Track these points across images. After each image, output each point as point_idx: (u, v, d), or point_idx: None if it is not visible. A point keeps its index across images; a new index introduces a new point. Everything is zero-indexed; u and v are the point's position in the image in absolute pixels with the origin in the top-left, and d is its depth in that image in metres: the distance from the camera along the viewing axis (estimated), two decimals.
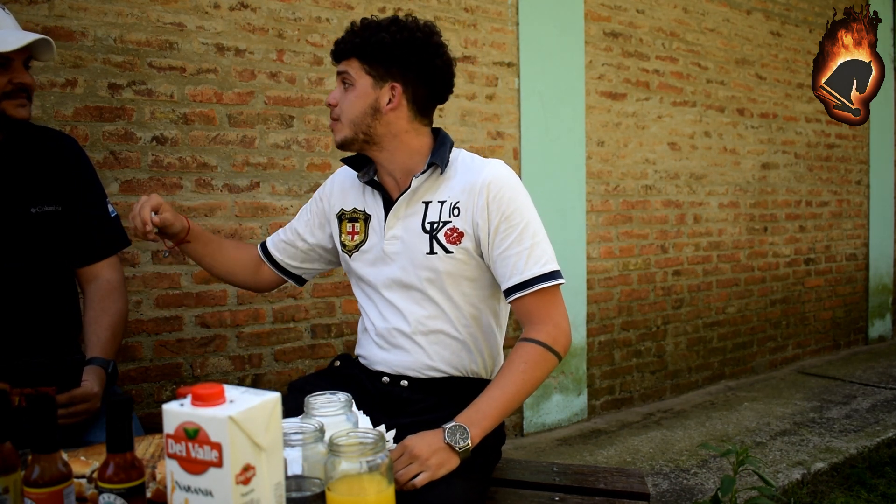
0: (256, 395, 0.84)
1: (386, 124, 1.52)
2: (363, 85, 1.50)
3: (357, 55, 1.50)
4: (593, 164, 3.67)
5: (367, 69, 1.50)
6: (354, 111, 1.51)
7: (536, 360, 1.44)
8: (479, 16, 3.24)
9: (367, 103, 1.51)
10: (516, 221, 1.48)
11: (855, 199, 5.29)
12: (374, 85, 1.50)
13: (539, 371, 1.44)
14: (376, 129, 1.52)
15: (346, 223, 1.65)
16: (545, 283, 1.46)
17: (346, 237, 1.65)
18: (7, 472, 0.93)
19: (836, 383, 4.32)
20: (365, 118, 1.51)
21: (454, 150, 1.58)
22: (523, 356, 1.44)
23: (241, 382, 2.63)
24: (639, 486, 1.53)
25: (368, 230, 1.60)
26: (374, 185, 1.61)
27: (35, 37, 1.58)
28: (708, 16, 4.21)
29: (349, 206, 1.66)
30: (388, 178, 1.59)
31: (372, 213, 1.61)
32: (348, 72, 1.51)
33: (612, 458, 3.08)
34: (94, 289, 1.75)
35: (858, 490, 2.94)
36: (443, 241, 1.51)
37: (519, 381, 1.41)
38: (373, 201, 1.62)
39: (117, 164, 2.39)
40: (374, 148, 1.55)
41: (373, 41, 1.48)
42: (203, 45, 2.53)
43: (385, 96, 1.50)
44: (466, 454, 1.33)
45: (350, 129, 1.52)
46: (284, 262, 1.78)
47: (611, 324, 3.80)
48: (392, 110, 1.51)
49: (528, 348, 1.45)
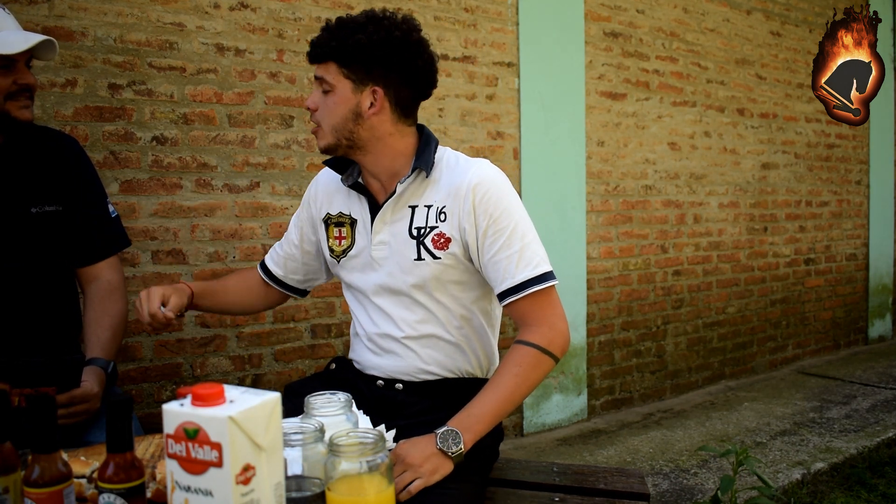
0: (256, 395, 0.84)
1: (369, 128, 1.47)
2: (342, 90, 1.45)
3: (334, 58, 1.44)
4: (593, 164, 3.67)
5: (346, 73, 1.44)
6: (335, 117, 1.46)
7: (531, 362, 1.42)
8: (479, 16, 3.24)
9: (347, 109, 1.45)
10: (504, 224, 1.45)
11: (855, 199, 5.29)
12: (355, 89, 1.45)
13: (534, 373, 1.42)
14: (359, 134, 1.47)
15: (333, 227, 1.62)
16: (537, 285, 1.43)
17: (334, 242, 1.61)
18: (7, 472, 0.93)
19: (836, 383, 4.32)
20: (346, 124, 1.46)
21: (439, 148, 1.54)
22: (517, 359, 1.42)
23: (241, 382, 2.63)
24: (639, 486, 1.53)
25: (355, 235, 1.58)
26: (358, 188, 1.58)
27: (39, 38, 1.58)
28: (708, 16, 4.21)
29: (335, 209, 1.62)
30: (373, 181, 1.56)
31: (358, 218, 1.58)
32: (325, 77, 1.45)
33: (612, 458, 3.08)
34: (94, 289, 1.75)
35: (858, 490, 2.94)
36: (430, 247, 1.48)
37: (512, 384, 1.39)
38: (358, 205, 1.58)
39: (117, 164, 2.39)
40: (358, 152, 1.51)
41: (350, 43, 1.41)
42: (203, 45, 2.53)
43: (367, 101, 1.45)
44: (460, 458, 1.31)
45: (332, 135, 1.48)
46: (287, 278, 1.77)
47: (611, 324, 3.80)
48: (375, 114, 1.46)
49: (522, 351, 1.43)
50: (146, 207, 2.45)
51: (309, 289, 1.82)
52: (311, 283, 1.80)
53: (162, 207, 2.48)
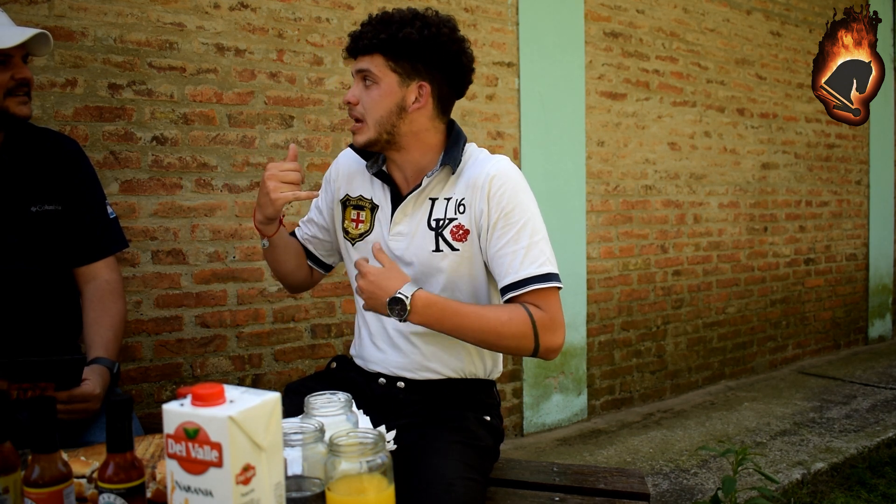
0: (256, 395, 0.84)
1: (409, 123, 1.47)
2: (389, 83, 1.44)
3: (382, 51, 1.43)
4: (593, 164, 3.67)
5: (393, 66, 1.43)
6: (380, 110, 1.45)
7: (520, 329, 1.40)
8: (479, 16, 3.24)
9: (393, 102, 1.45)
10: (515, 219, 1.45)
11: (855, 199, 5.29)
12: (401, 83, 1.44)
13: (511, 341, 1.40)
14: (400, 129, 1.47)
15: (351, 210, 1.61)
16: (540, 284, 1.42)
17: (350, 224, 1.60)
18: (7, 472, 0.93)
19: (836, 383, 4.32)
20: (391, 117, 1.45)
21: (466, 145, 1.54)
22: (512, 315, 1.40)
23: (241, 382, 2.63)
24: (639, 486, 1.53)
25: (374, 221, 1.57)
26: (382, 176, 1.57)
27: (33, 32, 1.58)
28: (708, 16, 4.21)
29: (355, 192, 1.61)
30: (398, 173, 1.55)
31: (379, 204, 1.57)
32: (371, 69, 1.44)
33: (612, 458, 3.08)
34: (92, 289, 1.75)
35: (858, 490, 2.94)
36: (449, 238, 1.48)
37: (491, 326, 1.39)
38: (381, 192, 1.57)
39: (117, 164, 2.39)
40: (393, 147, 1.50)
41: (400, 37, 1.41)
42: (203, 45, 2.53)
43: (412, 95, 1.45)
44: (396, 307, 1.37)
45: (375, 129, 1.46)
46: (317, 253, 1.75)
47: (611, 324, 3.80)
48: (418, 109, 1.46)
49: (521, 315, 1.40)
50: (146, 207, 2.45)
51: (334, 264, 1.79)
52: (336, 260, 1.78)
53: (162, 207, 2.48)
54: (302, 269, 1.76)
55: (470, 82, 1.54)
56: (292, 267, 1.73)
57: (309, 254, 1.76)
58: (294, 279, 1.77)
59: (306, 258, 1.77)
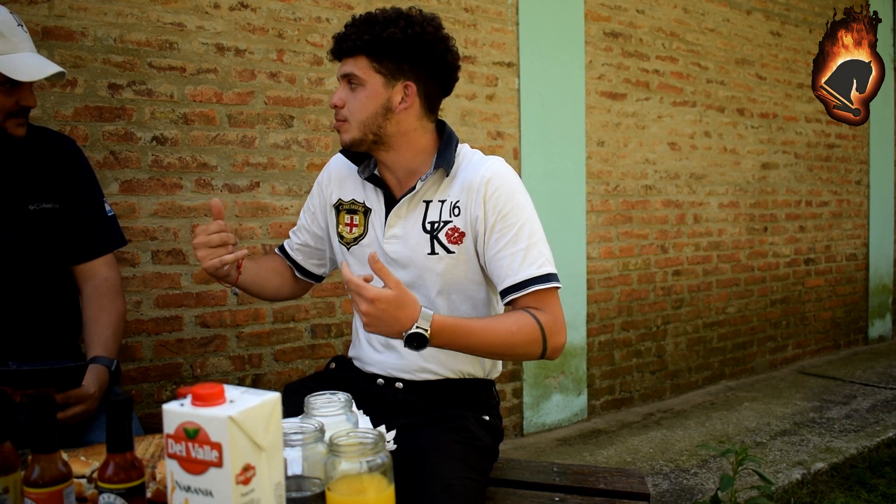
0: (256, 395, 0.84)
1: (396, 123, 1.47)
2: (374, 85, 1.44)
3: (365, 52, 1.42)
4: (593, 164, 3.67)
5: (377, 67, 1.43)
6: (365, 112, 1.45)
7: (529, 336, 1.39)
8: (479, 16, 3.24)
9: (378, 103, 1.44)
10: (513, 221, 1.44)
11: (855, 199, 5.29)
12: (386, 84, 1.44)
13: (522, 349, 1.39)
14: (387, 129, 1.47)
15: (345, 214, 1.61)
16: (540, 284, 1.42)
17: (344, 228, 1.60)
18: (7, 472, 0.93)
19: (836, 383, 4.32)
20: (376, 119, 1.45)
21: (458, 146, 1.54)
22: (521, 323, 1.38)
23: (241, 382, 2.63)
24: (639, 486, 1.53)
25: (368, 224, 1.56)
26: (374, 180, 1.57)
27: (56, 69, 1.60)
28: (708, 16, 4.21)
29: (347, 196, 1.61)
30: (390, 176, 1.55)
31: (372, 207, 1.56)
32: (355, 72, 1.44)
33: (612, 458, 3.08)
34: (91, 287, 1.75)
35: (858, 490, 2.94)
36: (444, 241, 1.48)
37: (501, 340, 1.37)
38: (374, 196, 1.57)
39: (117, 164, 2.39)
40: (381, 147, 1.50)
41: (383, 37, 1.40)
42: (203, 45, 2.53)
43: (398, 95, 1.45)
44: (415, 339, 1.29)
45: (359, 130, 1.46)
46: (307, 265, 1.76)
47: (611, 324, 3.80)
48: (404, 109, 1.46)
49: (528, 322, 1.39)
50: (146, 207, 2.45)
51: (324, 275, 1.80)
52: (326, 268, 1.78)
53: (162, 207, 2.48)
54: (286, 285, 1.78)
55: (456, 80, 1.53)
56: (273, 289, 1.75)
57: (299, 267, 1.76)
58: (281, 296, 1.79)
59: (295, 272, 1.77)
